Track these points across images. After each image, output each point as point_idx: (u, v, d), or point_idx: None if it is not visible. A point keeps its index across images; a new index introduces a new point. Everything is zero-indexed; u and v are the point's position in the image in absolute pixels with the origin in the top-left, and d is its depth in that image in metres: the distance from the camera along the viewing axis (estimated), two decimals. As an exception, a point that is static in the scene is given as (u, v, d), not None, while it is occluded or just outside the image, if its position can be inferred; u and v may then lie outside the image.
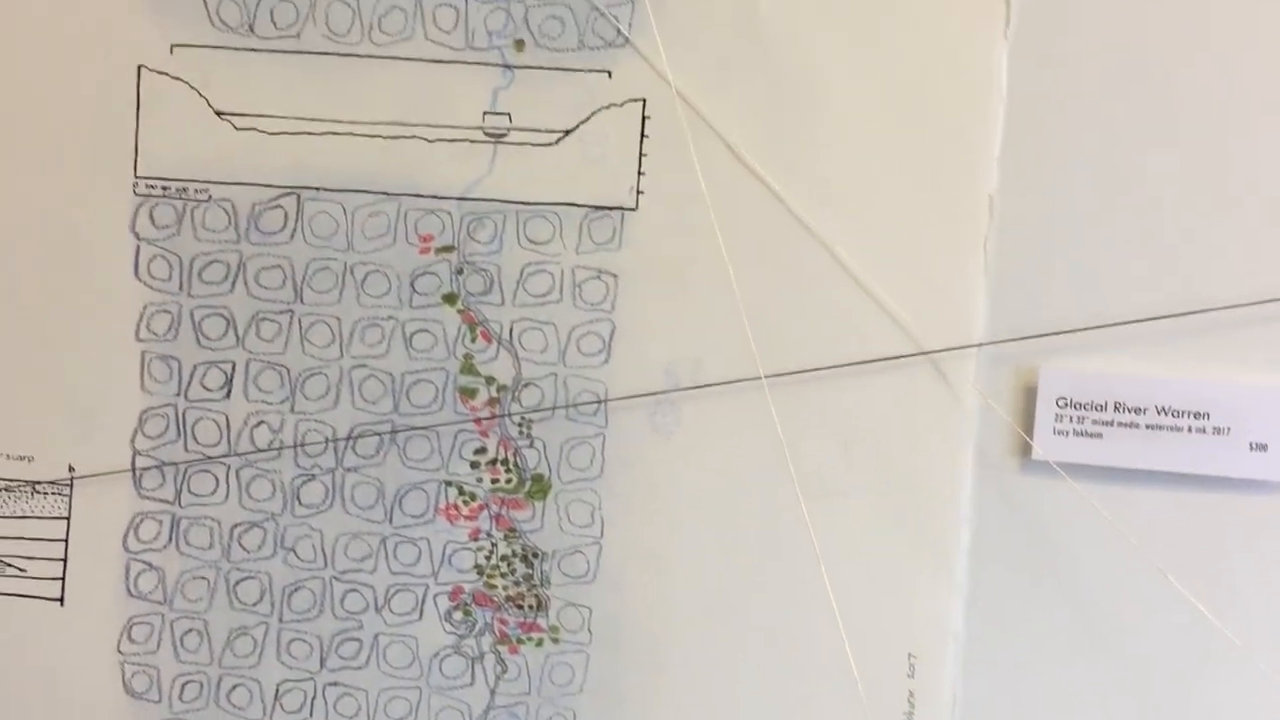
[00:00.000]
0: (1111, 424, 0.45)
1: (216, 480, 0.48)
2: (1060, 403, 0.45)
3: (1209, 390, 0.45)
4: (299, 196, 0.48)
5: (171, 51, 0.47)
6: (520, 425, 0.47)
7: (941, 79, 0.45)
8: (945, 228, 0.46)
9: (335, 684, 0.48)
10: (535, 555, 0.47)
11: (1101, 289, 0.45)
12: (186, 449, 0.48)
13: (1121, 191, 0.45)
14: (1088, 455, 0.45)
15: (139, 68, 0.47)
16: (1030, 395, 0.46)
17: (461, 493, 0.48)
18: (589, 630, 0.47)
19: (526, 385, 0.47)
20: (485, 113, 0.47)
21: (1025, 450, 0.46)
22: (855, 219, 0.46)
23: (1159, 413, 0.45)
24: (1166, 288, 0.45)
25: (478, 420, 0.47)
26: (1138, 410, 0.45)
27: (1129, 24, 0.45)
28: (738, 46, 0.46)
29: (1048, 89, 0.45)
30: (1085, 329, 0.45)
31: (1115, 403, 0.45)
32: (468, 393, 0.48)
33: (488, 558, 0.48)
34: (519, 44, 0.47)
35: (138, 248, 0.48)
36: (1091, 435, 0.45)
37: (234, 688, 0.49)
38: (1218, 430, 0.44)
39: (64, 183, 0.48)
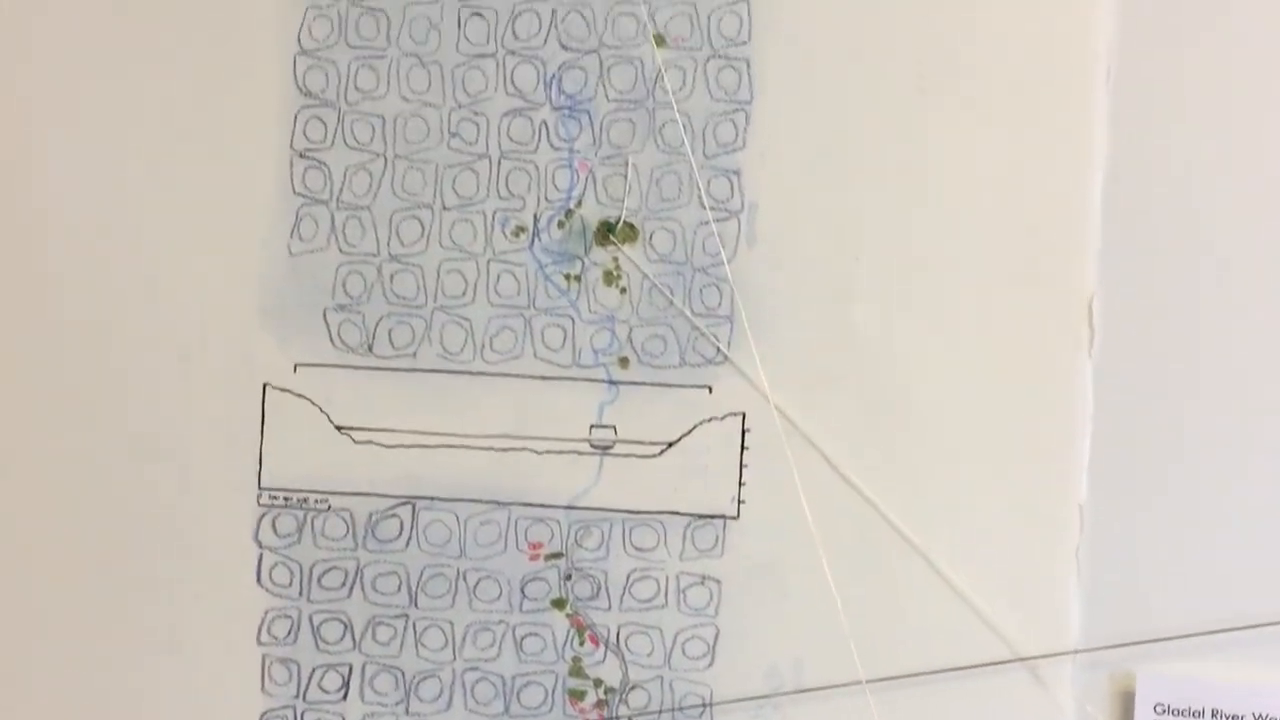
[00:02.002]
0: (1210, 730, 0.46)
1: (333, 780, 0.50)
2: (1158, 709, 0.46)
3: (1305, 698, 0.46)
4: (414, 506, 0.50)
5: (295, 370, 0.50)
6: (628, 727, 0.49)
7: (1029, 393, 0.47)
8: (1038, 536, 0.47)
9: None
10: None
11: (1196, 594, 0.47)
12: (304, 750, 0.50)
13: (1212, 498, 0.47)
14: (1188, 761, 0.46)
15: (264, 386, 0.50)
16: (1128, 700, 0.47)
17: (571, 793, 0.49)
18: None
19: (633, 688, 0.49)
20: (592, 426, 0.49)
21: (1125, 755, 0.47)
22: (950, 528, 0.48)
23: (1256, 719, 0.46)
24: (1262, 593, 0.47)
25: (586, 722, 0.49)
26: (1235, 717, 0.46)
27: (1214, 327, 0.47)
28: (833, 360, 0.48)
29: (1132, 402, 0.47)
30: (1180, 636, 0.47)
31: (1213, 709, 0.46)
32: (577, 695, 0.49)
33: None
34: (623, 361, 0.49)
35: (260, 555, 0.50)
36: (1190, 741, 0.46)
37: None
38: (1316, 738, 0.45)
39: (192, 495, 0.50)
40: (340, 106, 0.50)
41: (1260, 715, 0.46)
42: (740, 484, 0.49)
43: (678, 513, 0.49)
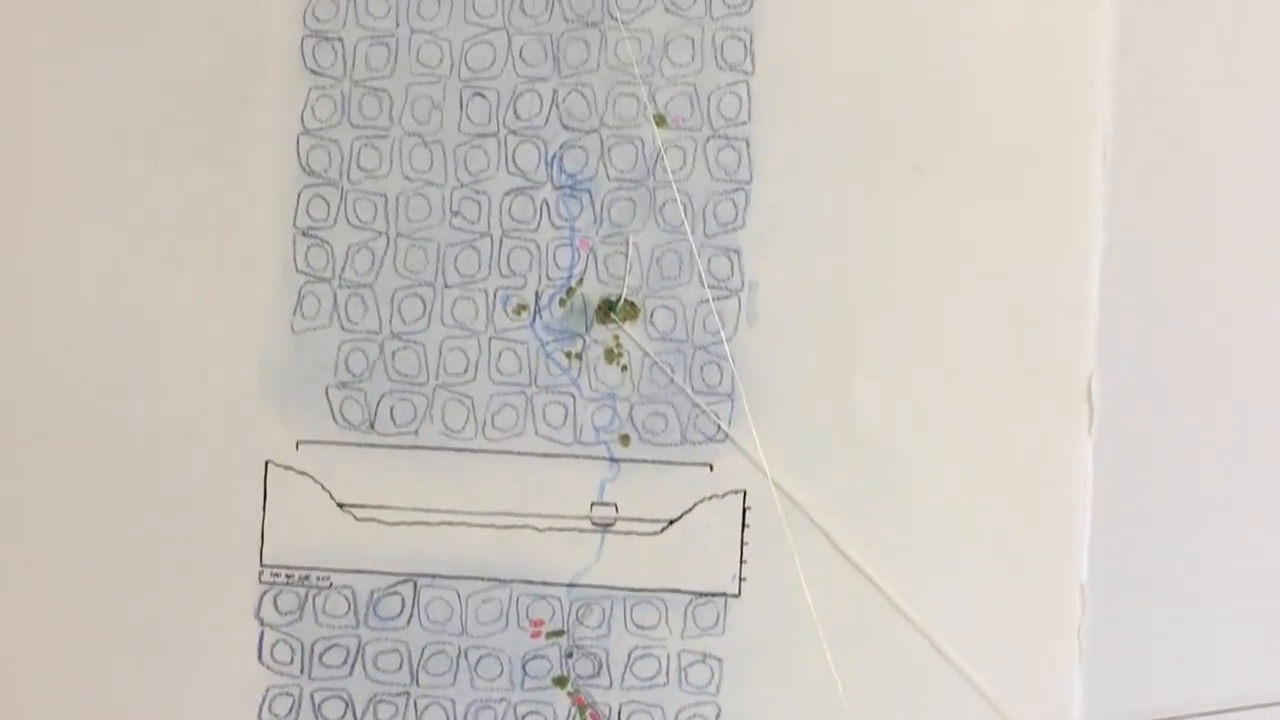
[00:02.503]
0: (1213, 812, 0.46)
1: None
2: (1161, 789, 0.46)
3: (1308, 779, 0.46)
4: (415, 584, 0.50)
5: (297, 448, 0.50)
6: (629, 806, 0.49)
7: (1029, 472, 0.48)
8: (1039, 615, 0.47)
9: None
10: None
11: (1199, 674, 0.47)
12: (305, 829, 0.50)
13: (1215, 578, 0.47)
14: (1191, 843, 0.46)
15: (266, 463, 0.51)
16: (1131, 781, 0.47)
17: None
18: None
19: (635, 767, 0.49)
20: (593, 503, 0.50)
21: (1128, 836, 0.47)
22: (951, 606, 0.48)
23: (1260, 800, 0.46)
24: (1266, 673, 0.47)
25: (588, 801, 0.49)
26: (1238, 798, 0.46)
27: (1213, 407, 0.47)
28: (833, 438, 0.49)
29: (1132, 481, 0.47)
30: (1184, 717, 0.46)
31: (1216, 790, 0.46)
32: (578, 774, 0.49)
33: None
34: (624, 439, 0.50)
35: (261, 633, 0.50)
36: (1194, 823, 0.46)
37: None
38: (1320, 820, 0.45)
39: (193, 571, 0.50)
40: (343, 185, 0.50)
41: (1263, 796, 0.46)
42: (741, 561, 0.49)
43: (679, 590, 0.49)
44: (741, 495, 0.49)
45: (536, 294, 0.50)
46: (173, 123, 0.51)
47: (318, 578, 0.50)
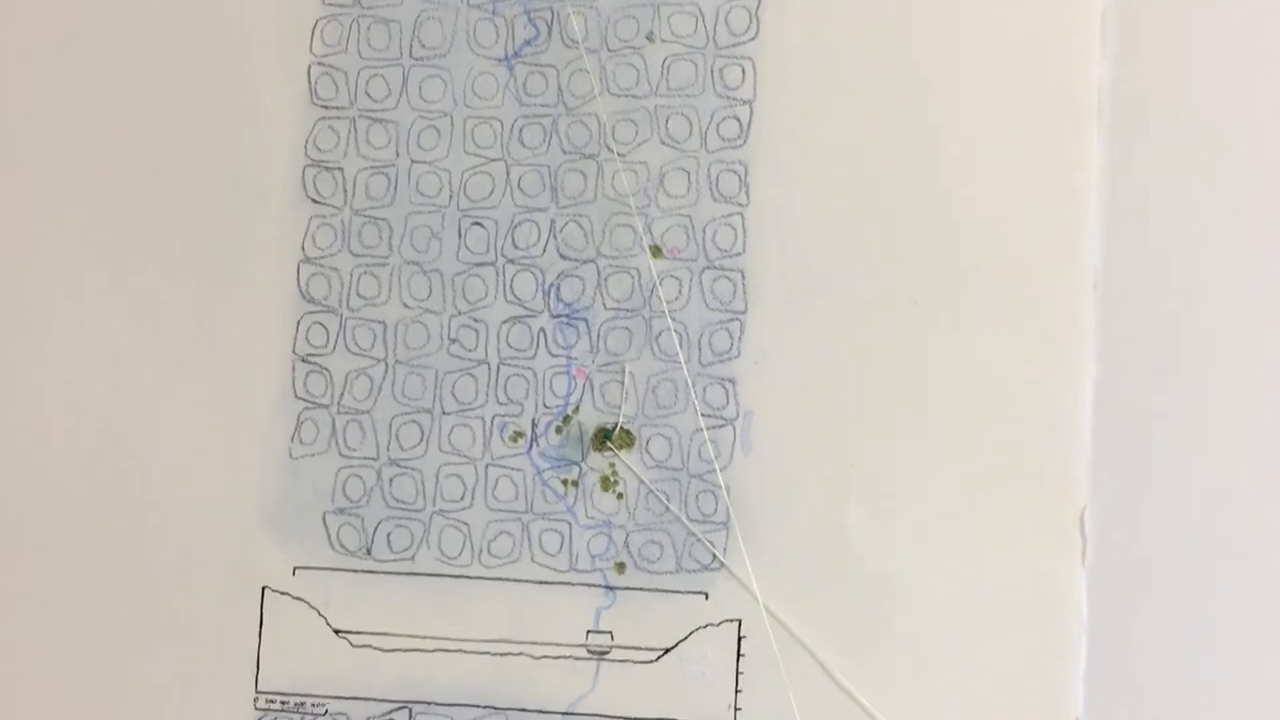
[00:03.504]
0: None
1: None
2: None
3: None
4: (411, 710, 0.50)
5: (294, 573, 0.51)
6: None
7: (1022, 603, 0.48)
8: (1035, 747, 0.47)
9: None
10: None
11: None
12: None
13: (1209, 709, 0.47)
14: None
15: (263, 589, 0.51)
16: None
17: None
18: None
19: None
20: (589, 631, 0.50)
21: None
22: (947, 738, 0.48)
23: None
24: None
25: None
26: None
27: (1206, 538, 0.48)
28: (827, 566, 0.49)
29: (1126, 611, 0.48)
30: None
31: None
32: None
33: None
34: (620, 567, 0.50)
35: (256, 759, 0.50)
36: None
37: None
38: None
39: (190, 697, 0.50)
40: (342, 312, 0.51)
41: None
42: (737, 690, 0.49)
43: (674, 719, 0.49)
44: (737, 624, 0.49)
45: (533, 421, 0.50)
46: (175, 249, 0.52)
47: (313, 704, 0.50)
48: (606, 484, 0.50)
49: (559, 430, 0.50)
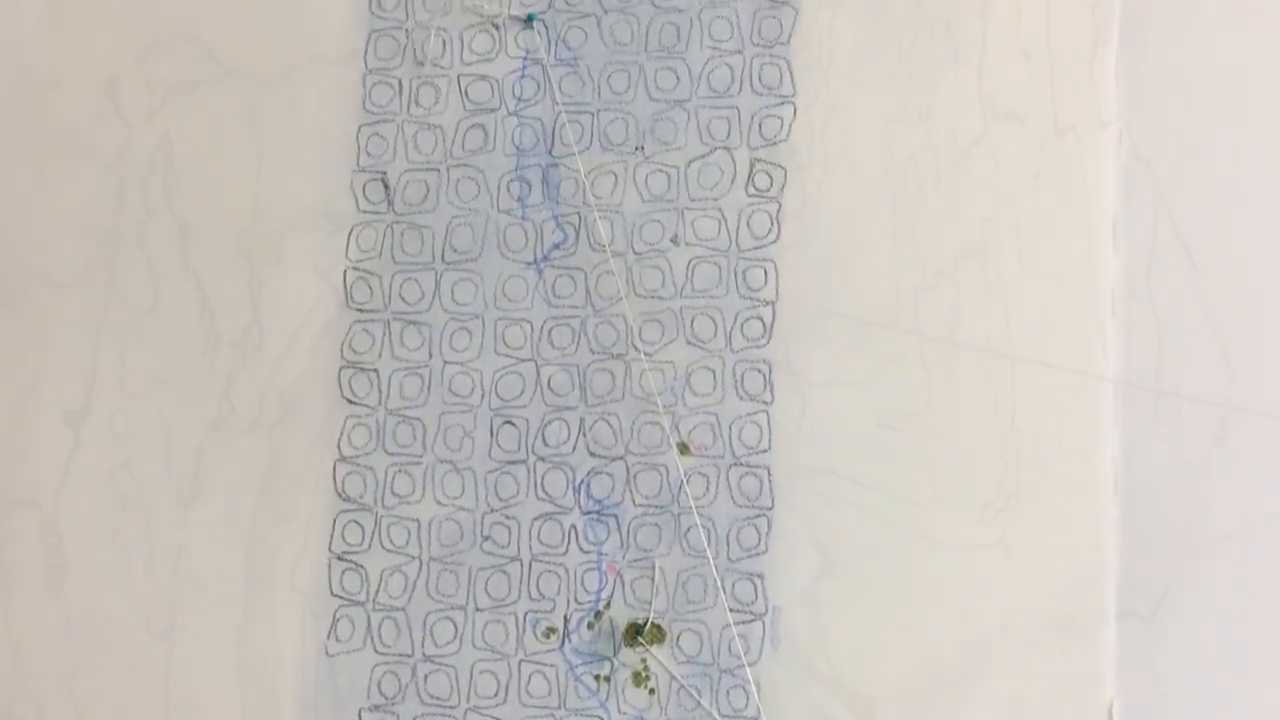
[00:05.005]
0: None
1: None
2: None
3: None
4: None
5: (330, 771, 0.51)
6: None
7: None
8: None
9: None
10: None
11: None
12: None
13: None
14: None
15: (300, 786, 0.51)
16: None
17: None
18: None
19: None
20: (622, 828, 0.50)
21: None
22: None
23: None
24: None
25: None
26: None
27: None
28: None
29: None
30: None
31: None
32: None
33: None
34: (653, 762, 0.50)
35: None
36: None
37: None
38: None
39: None
40: (378, 511, 0.52)
41: None
42: None
43: None
44: (766, 824, 0.49)
45: (565, 617, 0.51)
46: (217, 449, 0.53)
47: None
48: (639, 679, 0.51)
49: (591, 626, 0.51)
